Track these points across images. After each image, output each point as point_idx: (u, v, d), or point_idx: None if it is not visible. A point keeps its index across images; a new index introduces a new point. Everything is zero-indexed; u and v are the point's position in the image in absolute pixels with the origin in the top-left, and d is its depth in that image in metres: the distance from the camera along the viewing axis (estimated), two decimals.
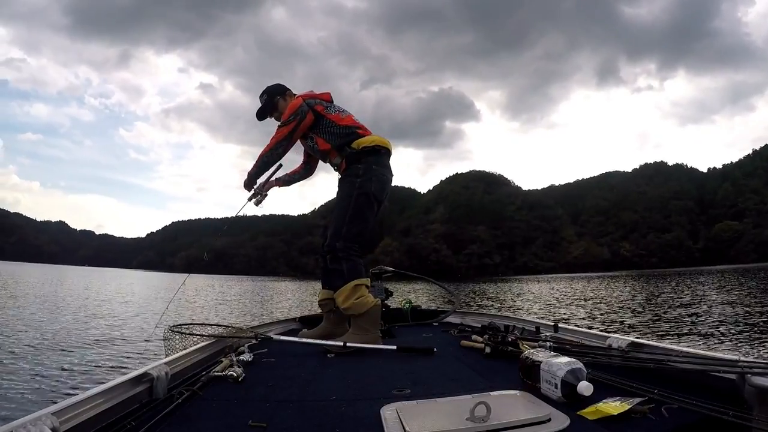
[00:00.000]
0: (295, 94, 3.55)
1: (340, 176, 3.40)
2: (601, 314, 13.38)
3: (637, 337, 2.40)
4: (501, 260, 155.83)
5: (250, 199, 3.61)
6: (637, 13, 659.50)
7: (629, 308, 14.59)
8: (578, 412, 1.50)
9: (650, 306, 15.08)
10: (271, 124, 3.53)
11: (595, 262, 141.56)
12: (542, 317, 11.89)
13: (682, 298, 17.83)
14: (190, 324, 2.97)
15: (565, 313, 13.86)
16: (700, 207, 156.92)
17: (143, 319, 11.88)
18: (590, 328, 9.14)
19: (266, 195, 3.67)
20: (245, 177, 3.52)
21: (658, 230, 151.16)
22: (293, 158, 3.72)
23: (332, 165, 3.46)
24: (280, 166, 3.64)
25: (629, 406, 1.47)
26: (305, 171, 3.93)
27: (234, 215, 3.84)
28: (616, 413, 1.44)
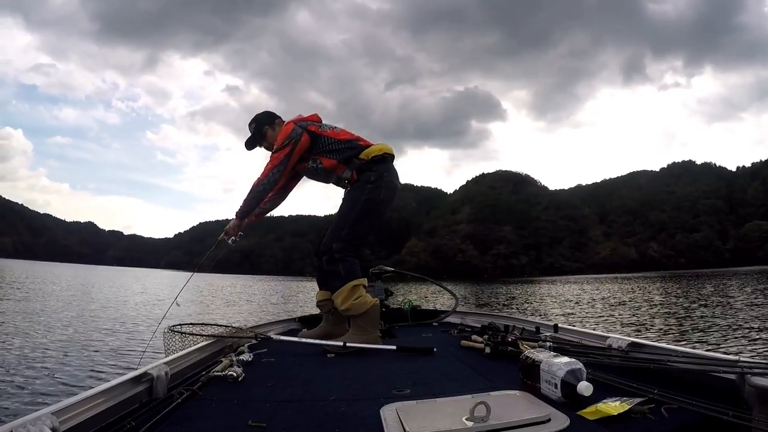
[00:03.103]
0: (284, 122, 3.48)
1: (348, 188, 3.34)
2: (645, 318, 12.95)
3: (636, 337, 2.39)
4: (527, 261, 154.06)
5: (223, 237, 3.43)
6: (661, 9, 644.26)
7: (668, 313, 13.98)
8: (578, 413, 1.51)
9: (691, 310, 14.43)
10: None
11: (622, 262, 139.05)
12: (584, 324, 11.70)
13: (730, 300, 17.13)
14: (190, 324, 3.00)
15: (609, 319, 13.32)
16: (729, 206, 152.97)
17: (151, 319, 11.86)
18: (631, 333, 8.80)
19: (241, 234, 3.46)
20: (234, 220, 3.35)
21: (686, 230, 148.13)
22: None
23: (340, 180, 3.39)
24: None
25: (629, 406, 1.48)
26: (278, 196, 3.73)
27: (209, 251, 3.60)
28: (615, 413, 1.45)
